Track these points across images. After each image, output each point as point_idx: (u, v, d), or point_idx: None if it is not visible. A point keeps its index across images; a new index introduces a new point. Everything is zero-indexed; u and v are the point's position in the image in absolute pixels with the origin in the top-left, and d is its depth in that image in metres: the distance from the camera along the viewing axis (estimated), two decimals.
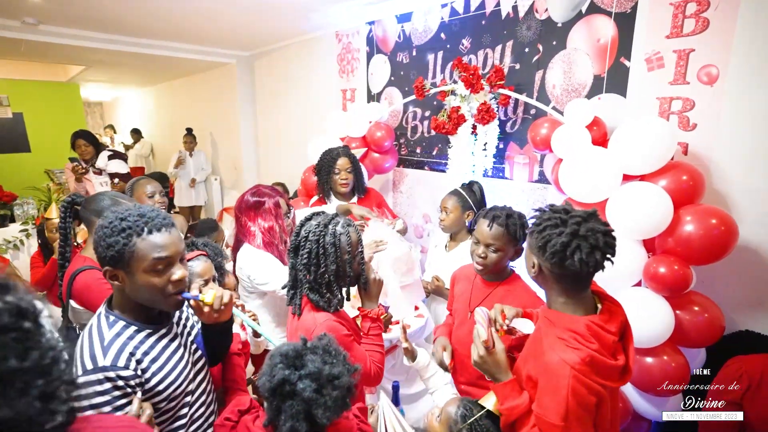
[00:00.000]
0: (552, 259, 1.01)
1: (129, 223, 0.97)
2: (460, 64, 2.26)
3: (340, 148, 2.51)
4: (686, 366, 1.65)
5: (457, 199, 2.08)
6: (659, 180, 1.64)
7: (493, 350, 1.12)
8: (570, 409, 0.96)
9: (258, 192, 1.89)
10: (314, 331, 1.25)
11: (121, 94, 9.21)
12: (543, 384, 1.02)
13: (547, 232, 1.02)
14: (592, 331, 1.01)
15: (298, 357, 0.94)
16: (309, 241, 1.30)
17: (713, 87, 1.75)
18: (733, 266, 1.74)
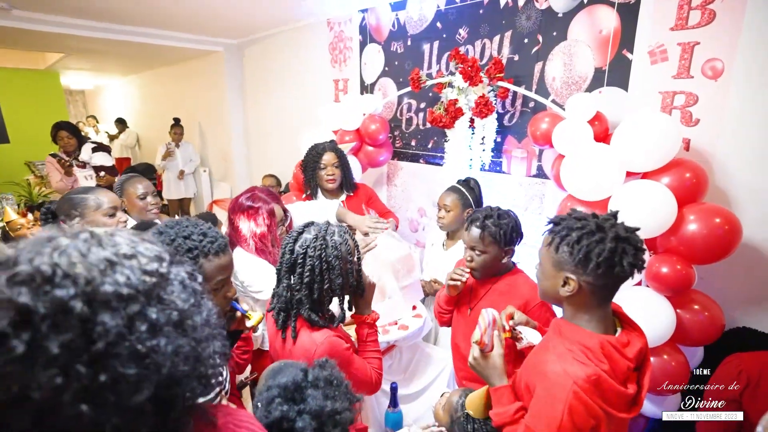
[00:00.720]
0: (598, 269, 0.92)
1: (195, 243, 0.98)
2: (458, 55, 2.19)
3: (326, 142, 2.43)
4: (686, 365, 1.65)
5: (456, 196, 2.03)
6: (662, 177, 1.61)
7: (488, 354, 1.09)
8: (563, 427, 0.89)
9: (253, 197, 1.78)
10: (315, 352, 1.17)
11: (104, 82, 8.93)
12: (539, 394, 0.96)
13: (585, 242, 0.93)
14: (605, 351, 0.94)
15: (298, 390, 0.87)
16: (310, 257, 1.19)
17: (718, 82, 1.71)
18: (734, 264, 1.72)
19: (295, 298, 1.21)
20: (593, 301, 0.98)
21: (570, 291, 0.97)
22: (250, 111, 4.89)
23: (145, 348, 0.46)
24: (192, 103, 5.78)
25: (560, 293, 1.00)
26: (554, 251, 0.99)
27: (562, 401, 0.90)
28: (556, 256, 0.99)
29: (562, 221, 1.01)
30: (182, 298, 0.53)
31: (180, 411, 0.51)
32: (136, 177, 2.20)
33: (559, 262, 0.98)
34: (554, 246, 0.99)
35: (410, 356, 1.98)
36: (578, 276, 0.95)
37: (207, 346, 0.55)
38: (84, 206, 1.66)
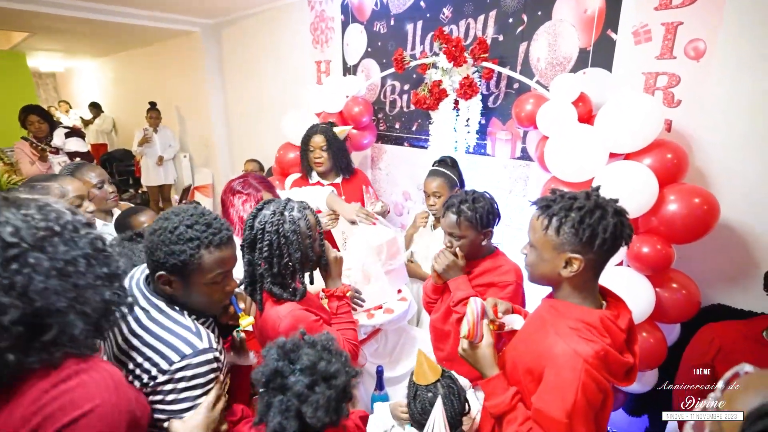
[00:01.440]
0: (604, 246, 0.93)
1: (197, 233, 0.94)
2: (442, 35, 2.15)
3: (320, 125, 2.38)
4: (663, 341, 1.69)
5: (443, 179, 2.00)
6: (644, 158, 1.62)
7: (477, 345, 1.08)
8: (577, 406, 0.90)
9: (245, 182, 1.75)
10: (281, 325, 1.21)
11: (75, 64, 8.55)
12: (549, 378, 0.95)
13: (589, 220, 0.93)
14: (605, 325, 0.95)
15: (294, 349, 0.90)
16: (267, 232, 1.23)
17: (700, 62, 1.71)
18: (710, 243, 1.76)
19: (257, 272, 1.26)
20: (591, 277, 1.00)
21: (574, 271, 0.96)
22: (230, 94, 4.75)
23: (14, 281, 0.63)
24: (169, 86, 5.58)
25: (561, 274, 0.99)
26: (554, 234, 0.97)
27: (575, 381, 0.90)
28: (557, 239, 0.97)
29: (553, 203, 0.99)
30: (69, 251, 0.70)
31: (55, 338, 0.67)
32: (87, 165, 2.03)
33: (561, 244, 0.97)
34: (554, 229, 0.97)
35: (396, 339, 1.99)
36: (584, 255, 0.95)
37: (94, 292, 0.73)
38: (47, 194, 1.53)
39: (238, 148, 4.87)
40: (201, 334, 0.98)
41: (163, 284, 0.97)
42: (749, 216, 1.73)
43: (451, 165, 2.07)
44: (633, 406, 2.07)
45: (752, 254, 1.75)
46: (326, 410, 0.85)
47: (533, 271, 1.07)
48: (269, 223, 1.23)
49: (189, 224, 0.94)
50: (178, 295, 0.99)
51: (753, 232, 1.73)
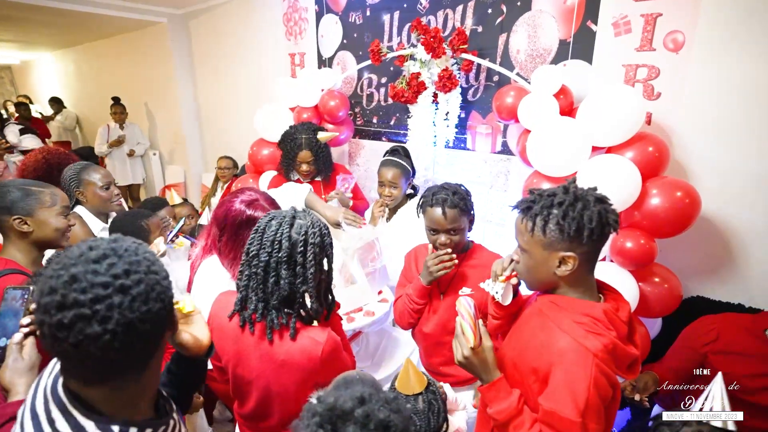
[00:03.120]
0: (592, 236, 0.91)
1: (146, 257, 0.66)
2: (420, 26, 2.07)
3: (303, 137, 2.21)
4: (647, 336, 1.69)
5: (398, 170, 2.00)
6: (626, 152, 1.59)
7: (479, 349, 1.00)
8: (590, 403, 0.86)
9: (255, 204, 1.41)
10: (322, 352, 1.04)
11: (33, 57, 8.08)
12: (558, 375, 0.91)
13: (572, 214, 0.91)
14: (609, 317, 0.92)
15: (342, 418, 0.67)
16: (311, 244, 1.05)
17: (679, 54, 1.70)
18: (691, 236, 1.76)
19: (299, 291, 1.05)
20: (586, 271, 0.98)
21: (569, 269, 0.94)
22: (200, 88, 4.55)
23: None
24: (137, 80, 5.32)
25: (557, 274, 0.96)
26: (541, 234, 0.94)
27: (586, 377, 0.87)
28: (545, 239, 0.94)
29: (533, 204, 0.97)
30: None
31: None
32: (92, 165, 1.96)
33: (550, 243, 0.94)
34: (539, 228, 0.94)
35: (378, 341, 1.93)
36: (574, 250, 0.92)
37: None
38: (36, 200, 1.39)
39: (210, 145, 4.69)
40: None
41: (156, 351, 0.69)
42: (727, 208, 1.73)
43: (404, 155, 2.04)
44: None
45: (730, 247, 1.76)
46: None
47: (529, 276, 1.03)
48: (311, 234, 1.05)
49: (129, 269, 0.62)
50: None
51: (730, 224, 1.74)
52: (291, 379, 1.07)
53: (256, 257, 1.04)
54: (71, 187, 1.88)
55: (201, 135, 4.77)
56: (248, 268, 1.06)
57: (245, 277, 1.07)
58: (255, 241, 1.06)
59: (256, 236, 1.06)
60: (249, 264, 1.06)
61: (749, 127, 1.63)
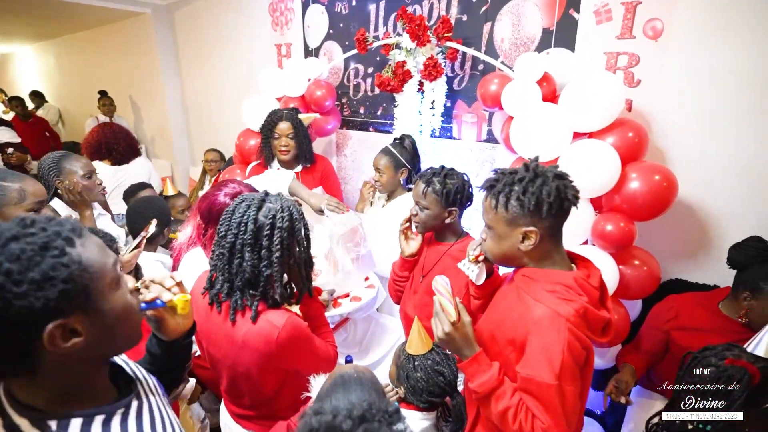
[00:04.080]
0: (551, 210, 0.95)
1: (43, 235, 0.58)
2: (405, 14, 2.08)
3: (285, 110, 2.26)
4: (627, 317, 1.73)
5: (388, 158, 2.02)
6: (607, 137, 1.63)
7: (459, 324, 1.02)
8: (564, 366, 0.90)
9: (239, 195, 1.39)
10: (277, 335, 1.04)
11: (11, 49, 7.88)
12: (534, 342, 0.95)
13: (532, 189, 0.95)
14: (579, 284, 0.97)
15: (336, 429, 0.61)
16: (278, 228, 1.05)
17: (658, 42, 1.73)
18: (669, 220, 1.80)
19: (263, 274, 1.06)
20: (551, 244, 1.01)
21: (532, 243, 0.98)
22: (186, 81, 4.49)
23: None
24: (121, 73, 5.22)
25: (521, 249, 1.00)
26: (504, 210, 0.99)
27: (560, 342, 0.91)
28: (507, 215, 0.98)
29: (496, 182, 1.01)
30: None
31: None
32: (72, 154, 1.93)
33: (512, 219, 0.98)
34: (502, 205, 0.99)
35: (365, 328, 1.94)
36: (536, 224, 0.96)
37: None
38: (4, 195, 1.35)
39: (197, 137, 4.64)
40: None
41: (64, 340, 0.59)
42: (703, 193, 1.78)
43: (404, 146, 2.06)
44: (599, 381, 2.13)
45: (706, 230, 1.81)
46: None
47: (494, 252, 1.07)
48: (279, 218, 1.06)
49: (18, 234, 0.57)
50: (93, 345, 0.63)
51: (707, 208, 1.79)
52: (251, 360, 1.08)
53: (224, 238, 1.06)
54: (50, 176, 1.83)
55: (187, 128, 4.72)
56: (218, 248, 1.08)
57: (215, 257, 1.09)
58: (225, 222, 1.08)
59: (226, 217, 1.08)
60: (218, 244, 1.08)
61: (726, 113, 1.67)
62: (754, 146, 1.64)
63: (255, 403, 1.22)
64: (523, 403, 0.95)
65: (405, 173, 2.05)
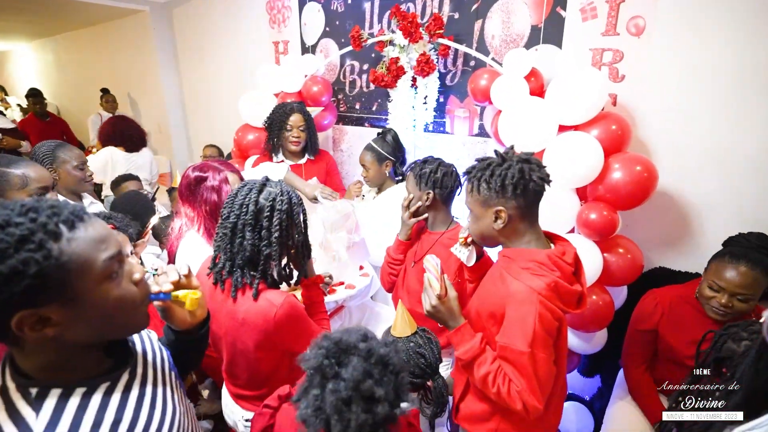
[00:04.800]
0: (516, 190, 1.03)
1: (27, 226, 0.57)
2: (398, 12, 2.14)
3: (294, 103, 2.36)
4: (611, 303, 1.80)
5: (371, 153, 2.12)
6: (591, 130, 1.69)
7: (445, 298, 1.13)
8: (536, 335, 1.00)
9: (203, 166, 1.54)
10: (275, 313, 1.11)
11: (8, 47, 7.89)
12: (510, 314, 1.05)
13: (497, 171, 1.05)
14: (552, 261, 1.06)
15: (346, 352, 0.77)
16: (277, 210, 1.13)
17: (640, 38, 1.80)
18: (652, 211, 1.88)
19: (263, 253, 1.13)
20: (524, 223, 1.10)
21: (503, 222, 1.07)
22: (185, 78, 4.54)
23: None
24: (119, 70, 5.26)
25: (495, 228, 1.09)
26: (477, 193, 1.10)
27: (532, 313, 1.00)
28: (479, 197, 1.10)
29: (473, 169, 1.13)
30: None
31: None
32: (66, 144, 1.98)
33: (484, 200, 1.09)
34: (475, 189, 1.10)
35: (360, 316, 2.01)
36: (504, 204, 1.06)
37: None
38: (5, 182, 1.38)
39: (195, 133, 4.69)
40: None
41: (33, 330, 0.60)
42: (685, 184, 1.85)
43: (386, 140, 2.14)
44: (586, 368, 2.20)
45: (687, 219, 1.88)
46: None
47: (474, 232, 1.18)
48: (279, 201, 1.14)
49: (1, 224, 0.57)
50: (71, 334, 0.63)
51: (688, 198, 1.86)
52: (250, 338, 1.15)
53: (227, 219, 1.14)
54: (44, 164, 1.84)
55: (186, 124, 4.77)
56: (221, 229, 1.16)
57: (218, 237, 1.17)
58: (228, 204, 1.16)
59: (229, 200, 1.16)
60: (221, 225, 1.15)
61: (705, 107, 1.74)
62: (730, 138, 1.71)
63: (251, 382, 1.28)
64: (501, 369, 1.04)
65: (389, 165, 2.14)
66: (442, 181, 1.58)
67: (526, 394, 1.00)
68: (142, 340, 0.86)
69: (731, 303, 1.40)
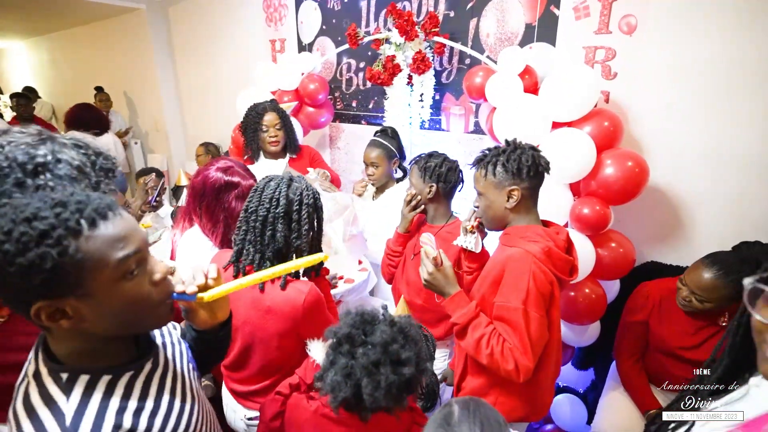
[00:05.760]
0: (530, 173, 1.19)
1: (50, 221, 0.59)
2: (394, 10, 2.17)
3: (266, 102, 2.32)
4: (604, 297, 1.84)
5: (381, 150, 2.08)
6: (584, 126, 1.73)
7: (441, 267, 1.22)
8: (530, 292, 1.08)
9: (231, 170, 1.48)
10: (303, 300, 1.16)
11: (4, 45, 7.85)
12: (507, 277, 1.15)
13: (513, 156, 1.20)
14: (546, 232, 1.20)
15: (372, 321, 0.89)
16: (306, 204, 1.20)
17: (632, 37, 1.83)
18: (644, 206, 1.92)
19: (293, 245, 1.20)
20: (530, 203, 1.24)
21: (516, 200, 1.20)
22: (181, 75, 4.54)
23: None
24: (115, 68, 5.25)
25: (507, 207, 1.22)
26: (492, 176, 1.23)
27: (527, 272, 1.11)
28: (495, 180, 1.22)
29: (485, 157, 1.26)
30: None
31: None
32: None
33: (499, 182, 1.22)
34: (490, 173, 1.23)
35: None
36: (518, 185, 1.20)
37: None
38: None
39: (193, 131, 4.70)
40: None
41: (50, 321, 0.63)
42: (676, 179, 1.89)
43: (391, 136, 2.13)
44: (580, 361, 2.24)
45: (679, 214, 1.92)
46: (385, 394, 0.84)
47: (487, 215, 1.27)
48: (306, 195, 1.21)
49: (30, 216, 0.59)
50: (88, 326, 0.66)
51: (679, 194, 1.90)
52: (274, 326, 1.18)
53: (255, 213, 1.18)
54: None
55: (183, 123, 4.77)
56: (245, 224, 1.19)
57: (242, 232, 1.20)
58: (254, 198, 1.19)
59: (256, 194, 1.20)
60: (247, 219, 1.19)
61: (696, 104, 1.77)
62: (720, 135, 1.75)
63: (263, 372, 1.29)
64: (496, 331, 1.12)
65: (397, 163, 2.14)
66: (447, 175, 1.63)
67: (518, 352, 1.08)
68: (162, 332, 0.89)
69: (690, 299, 1.50)
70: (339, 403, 0.87)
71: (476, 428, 0.67)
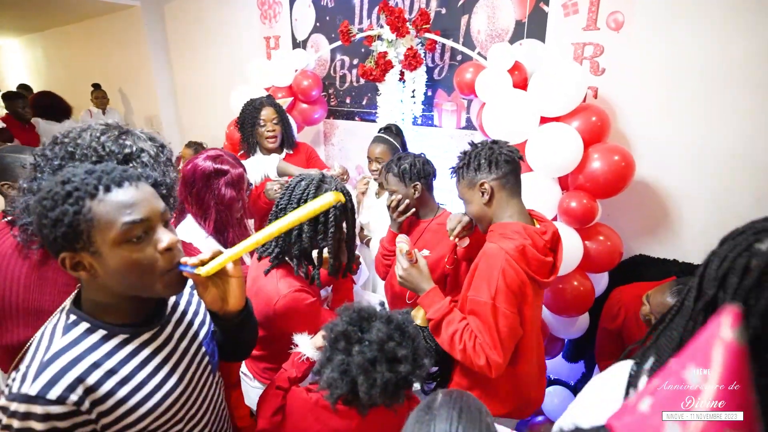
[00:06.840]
0: (491, 164, 1.21)
1: (75, 183, 0.69)
2: (386, 7, 2.19)
3: (263, 97, 2.34)
4: (592, 289, 1.86)
5: (385, 146, 2.08)
6: (572, 121, 1.75)
7: (415, 263, 1.24)
8: (499, 288, 1.10)
9: (220, 158, 1.51)
10: (277, 303, 1.16)
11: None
12: (480, 270, 1.17)
13: (473, 154, 1.25)
14: (527, 231, 1.19)
15: (368, 318, 0.89)
16: (334, 207, 1.17)
17: (620, 33, 1.86)
18: (632, 200, 1.95)
19: (319, 246, 1.19)
20: (505, 194, 1.23)
21: (488, 194, 1.21)
22: (176, 72, 4.55)
23: None
24: (110, 65, 5.24)
25: (483, 204, 1.23)
26: (463, 179, 1.27)
27: (497, 267, 1.12)
28: (466, 181, 1.26)
29: (456, 165, 1.32)
30: None
31: None
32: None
33: (470, 181, 1.25)
34: (461, 175, 1.28)
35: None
36: (485, 178, 1.22)
37: None
38: (21, 168, 1.40)
39: (188, 128, 4.70)
40: (44, 370, 0.69)
41: (73, 270, 0.73)
42: (663, 174, 1.92)
43: (396, 133, 2.14)
44: (570, 353, 2.27)
45: (666, 208, 1.95)
46: (382, 391, 0.84)
47: (475, 218, 1.30)
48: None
49: (65, 179, 0.70)
50: (103, 280, 0.74)
51: (666, 188, 1.93)
52: (256, 308, 1.19)
53: (284, 211, 1.19)
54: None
55: (178, 118, 4.77)
56: (275, 219, 1.20)
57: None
58: (285, 196, 1.21)
59: (286, 192, 1.22)
60: (276, 215, 1.21)
61: (683, 100, 1.80)
62: (705, 129, 1.78)
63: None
64: (468, 326, 1.14)
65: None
66: (424, 169, 1.64)
67: (488, 348, 1.09)
68: (195, 311, 0.94)
69: (650, 318, 1.47)
70: (336, 399, 0.88)
71: (454, 413, 0.68)
